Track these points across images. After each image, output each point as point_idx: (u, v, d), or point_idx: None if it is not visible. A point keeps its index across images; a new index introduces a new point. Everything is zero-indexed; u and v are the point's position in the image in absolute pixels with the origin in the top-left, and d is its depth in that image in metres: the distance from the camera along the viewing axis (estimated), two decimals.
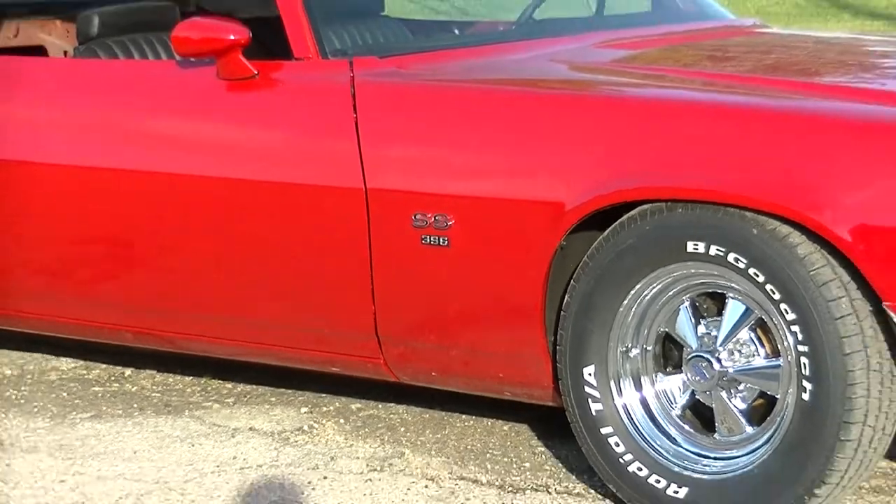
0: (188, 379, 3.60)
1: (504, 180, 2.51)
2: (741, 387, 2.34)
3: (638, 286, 2.33)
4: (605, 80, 2.93)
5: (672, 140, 2.35)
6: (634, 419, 2.40)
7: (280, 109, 2.81)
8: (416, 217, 2.53)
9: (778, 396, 2.26)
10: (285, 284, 2.81)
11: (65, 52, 3.61)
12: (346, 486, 2.70)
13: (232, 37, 2.66)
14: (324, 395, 3.34)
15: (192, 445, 3.00)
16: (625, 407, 2.39)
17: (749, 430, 2.31)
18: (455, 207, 2.48)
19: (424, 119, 2.68)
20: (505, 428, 3.05)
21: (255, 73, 2.72)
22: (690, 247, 2.23)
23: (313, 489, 2.69)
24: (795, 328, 2.16)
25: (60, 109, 3.07)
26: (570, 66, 2.95)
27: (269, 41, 3.10)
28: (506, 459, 2.84)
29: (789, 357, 2.21)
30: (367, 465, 2.83)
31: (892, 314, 2.11)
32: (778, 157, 2.25)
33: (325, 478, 2.75)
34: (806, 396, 2.17)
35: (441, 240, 2.52)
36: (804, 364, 2.16)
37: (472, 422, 3.12)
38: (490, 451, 2.90)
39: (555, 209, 2.36)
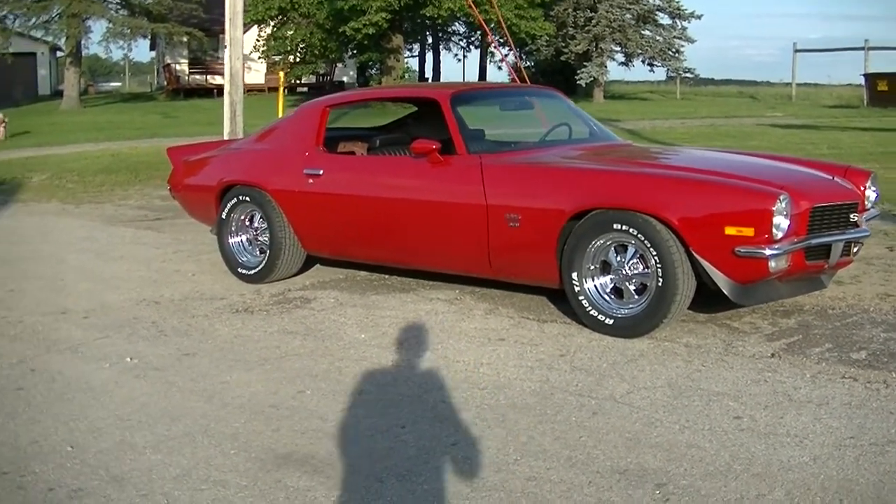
0: (406, 279, 6.96)
1: (541, 200, 5.44)
2: (633, 280, 5.29)
3: (593, 241, 5.31)
4: (579, 162, 5.92)
5: (606, 184, 5.35)
6: (591, 293, 5.37)
7: (454, 174, 5.87)
8: (508, 216, 5.55)
9: (648, 284, 5.21)
10: (451, 241, 5.91)
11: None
12: (469, 318, 5.79)
13: (433, 146, 5.72)
14: (466, 286, 6.57)
15: (414, 304, 6.25)
16: (588, 288, 5.38)
17: (636, 297, 5.26)
18: (522, 211, 5.50)
19: (509, 177, 5.68)
20: (537, 297, 6.19)
21: (443, 160, 5.83)
22: (615, 226, 5.21)
23: (465, 320, 5.76)
24: (656, 258, 5.06)
25: (369, 175, 6.26)
26: (562, 157, 5.98)
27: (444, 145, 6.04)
28: (539, 309, 5.97)
29: (653, 269, 5.09)
30: (485, 311, 5.98)
31: (693, 253, 4.99)
32: (648, 191, 5.16)
33: (469, 316, 5.86)
34: (660, 283, 5.10)
35: (517, 224, 5.52)
36: (659, 272, 5.07)
37: (525, 295, 6.26)
38: (533, 306, 6.03)
39: (562, 212, 5.36)
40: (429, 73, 54.59)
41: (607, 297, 5.37)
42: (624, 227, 5.15)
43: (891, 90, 28.67)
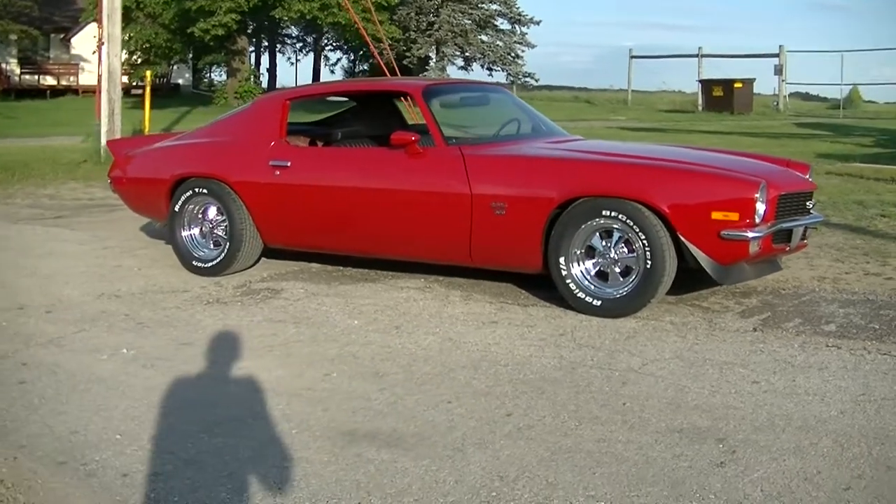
0: (364, 270, 7.10)
1: (529, 189, 5.71)
2: (618, 264, 5.63)
3: (580, 226, 5.62)
4: (562, 153, 6.21)
5: (597, 174, 5.67)
6: (577, 276, 5.68)
7: (434, 165, 6.06)
8: (493, 204, 5.78)
9: (633, 267, 5.56)
10: (431, 229, 6.08)
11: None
12: (450, 304, 5.99)
13: (413, 138, 5.88)
14: (429, 275, 6.75)
15: (386, 292, 6.40)
16: (574, 273, 5.69)
17: (621, 279, 5.61)
18: (508, 199, 5.75)
19: (494, 167, 5.93)
20: (504, 284, 6.45)
21: (421, 151, 5.97)
22: (604, 213, 5.54)
23: (446, 306, 5.95)
24: (644, 242, 5.37)
25: (342, 166, 6.27)
26: (543, 148, 6.32)
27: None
28: (512, 294, 6.23)
29: (640, 253, 5.42)
30: (461, 298, 6.19)
31: (679, 236, 5.35)
32: (638, 180, 5.48)
33: (448, 302, 6.05)
34: (648, 266, 5.45)
35: (503, 212, 5.77)
36: (648, 255, 5.39)
37: (492, 283, 6.52)
38: (506, 292, 6.30)
39: (550, 200, 5.65)
40: (264, 77, 54.22)
41: (593, 281, 5.67)
42: (613, 214, 5.48)
43: (725, 95, 30.44)
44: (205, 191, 6.87)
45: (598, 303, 5.58)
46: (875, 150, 16.95)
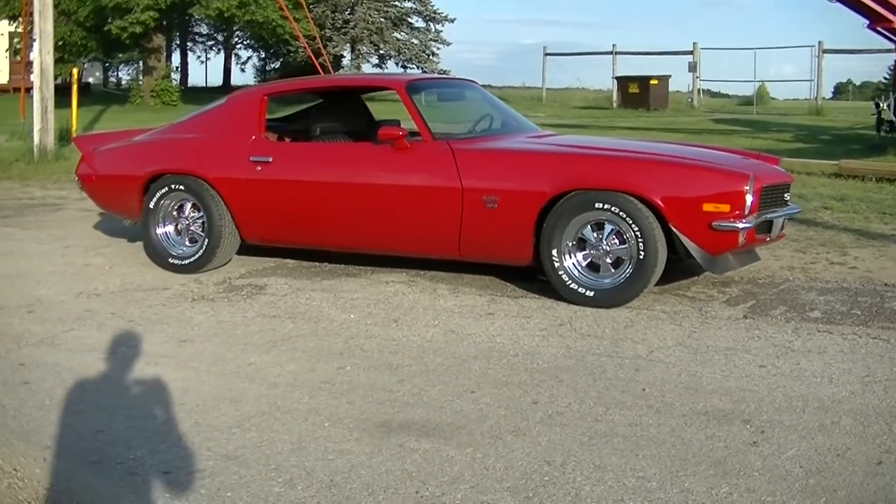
0: (342, 265, 7.10)
1: (522, 182, 5.82)
2: (609, 255, 5.76)
3: (573, 218, 5.75)
4: (552, 147, 6.35)
5: (590, 167, 5.80)
6: (570, 268, 5.80)
7: (423, 159, 6.13)
8: (484, 198, 5.87)
9: (623, 258, 5.72)
10: (420, 223, 6.13)
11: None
12: (440, 297, 6.03)
13: (400, 133, 6.04)
14: (416, 269, 6.80)
15: (373, 286, 6.43)
16: (567, 265, 5.81)
17: (612, 270, 5.75)
18: (500, 193, 5.84)
19: (484, 162, 6.03)
20: (488, 277, 6.54)
21: (409, 146, 6.04)
22: (597, 205, 5.67)
23: (437, 299, 6.00)
24: (637, 232, 5.52)
25: (326, 162, 6.33)
26: (532, 143, 6.42)
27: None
28: (499, 287, 6.32)
29: (632, 244, 5.55)
30: (449, 291, 6.24)
31: (671, 227, 5.50)
32: (632, 174, 5.70)
33: (438, 296, 6.10)
34: (641, 256, 5.59)
35: (494, 205, 5.86)
36: (640, 246, 5.55)
37: (474, 276, 6.60)
38: (491, 284, 6.39)
39: (543, 193, 5.76)
40: (176, 75, 53.49)
41: (584, 272, 5.80)
42: (605, 206, 5.62)
43: (641, 92, 31.06)
44: (181, 187, 6.81)
45: (591, 293, 5.71)
46: (797, 144, 17.50)
